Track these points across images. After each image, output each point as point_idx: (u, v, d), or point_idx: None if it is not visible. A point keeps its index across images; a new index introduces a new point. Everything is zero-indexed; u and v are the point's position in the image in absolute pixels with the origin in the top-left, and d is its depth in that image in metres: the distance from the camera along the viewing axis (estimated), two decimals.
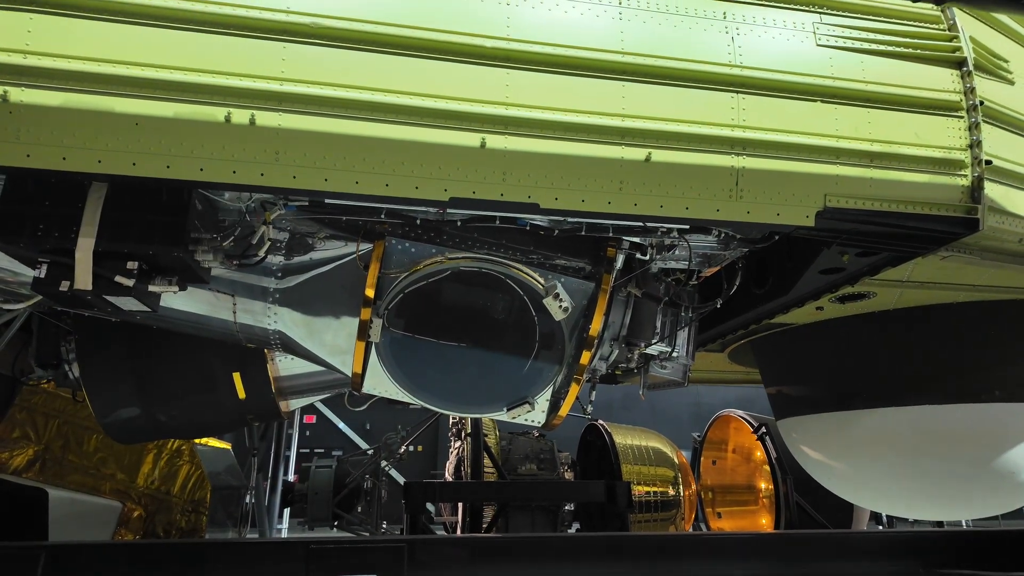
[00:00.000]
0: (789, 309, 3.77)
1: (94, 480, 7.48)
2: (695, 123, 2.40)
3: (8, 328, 4.07)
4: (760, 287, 3.69)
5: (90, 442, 7.55)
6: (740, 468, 9.52)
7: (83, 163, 2.02)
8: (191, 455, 8.03)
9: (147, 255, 2.29)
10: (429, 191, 2.22)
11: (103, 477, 7.55)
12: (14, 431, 7.23)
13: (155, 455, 7.89)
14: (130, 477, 7.69)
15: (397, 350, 3.14)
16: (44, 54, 2.01)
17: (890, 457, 4.10)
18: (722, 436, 9.54)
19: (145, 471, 7.81)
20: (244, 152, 2.09)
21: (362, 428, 18.22)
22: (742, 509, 9.47)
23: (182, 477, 7.98)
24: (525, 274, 2.94)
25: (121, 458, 7.65)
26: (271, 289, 3.05)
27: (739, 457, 9.53)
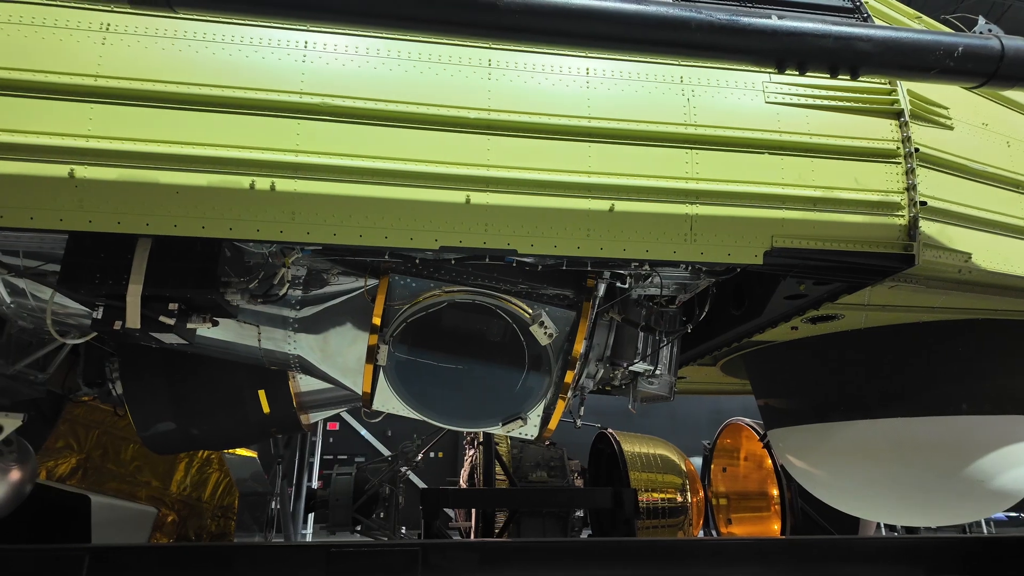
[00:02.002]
0: (765, 329, 4.08)
1: (131, 487, 7.97)
2: (653, 177, 2.74)
3: (59, 353, 4.54)
4: (738, 309, 4.01)
5: (127, 451, 8.05)
6: (752, 475, 9.68)
7: (134, 226, 2.44)
8: (220, 463, 8.48)
9: (185, 297, 2.70)
10: (422, 241, 2.60)
11: (139, 484, 8.04)
12: (58, 441, 7.73)
13: (187, 463, 8.35)
14: (164, 484, 8.15)
15: (401, 372, 3.53)
16: (102, 137, 2.43)
17: (866, 466, 4.36)
18: (734, 443, 9.71)
19: (178, 478, 8.27)
20: (266, 213, 2.50)
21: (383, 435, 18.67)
22: (753, 516, 9.62)
23: (212, 484, 8.43)
24: (513, 304, 3.31)
25: (156, 466, 8.12)
26: (291, 319, 3.47)
27: (751, 464, 9.69)
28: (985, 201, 3.08)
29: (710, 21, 2.17)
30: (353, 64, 2.68)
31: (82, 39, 2.50)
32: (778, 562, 6.19)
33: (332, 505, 8.74)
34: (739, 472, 9.94)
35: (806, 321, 3.95)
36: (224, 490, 8.54)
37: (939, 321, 3.99)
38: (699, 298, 3.66)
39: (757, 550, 6.55)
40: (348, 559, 5.71)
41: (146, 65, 2.52)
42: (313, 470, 16.35)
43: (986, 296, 3.38)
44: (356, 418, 18.48)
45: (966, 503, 4.28)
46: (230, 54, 2.60)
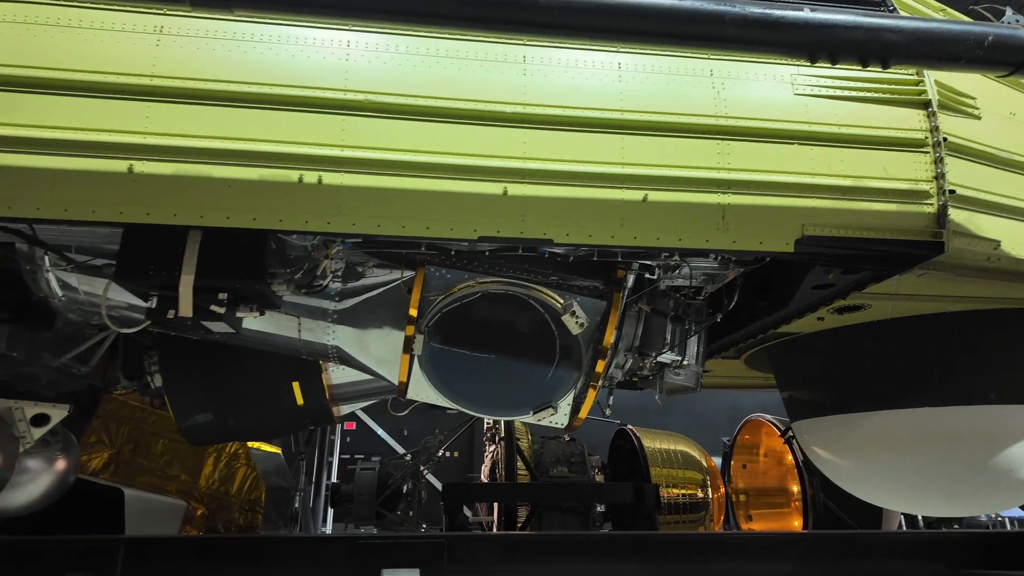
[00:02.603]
0: (791, 320, 4.12)
1: (161, 481, 8.16)
2: (685, 167, 2.82)
3: (101, 346, 4.69)
4: (763, 301, 4.06)
5: (157, 446, 8.23)
6: (772, 471, 9.67)
7: (189, 218, 2.56)
8: (247, 458, 8.64)
9: (234, 287, 2.82)
10: (462, 231, 2.70)
11: (169, 478, 8.22)
12: (91, 436, 7.92)
13: (215, 458, 8.52)
14: (193, 478, 8.33)
15: (435, 361, 3.63)
16: (159, 133, 2.55)
17: (891, 456, 4.39)
18: (754, 440, 9.71)
19: (206, 473, 8.44)
20: (314, 206, 2.61)
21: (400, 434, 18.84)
22: (774, 512, 9.62)
23: (239, 478, 8.59)
24: (545, 294, 3.40)
25: (185, 461, 8.30)
26: (330, 311, 3.58)
27: (771, 460, 9.68)
28: (1013, 189, 3.11)
29: (743, 15, 2.24)
30: (394, 62, 2.78)
31: (137, 41, 2.62)
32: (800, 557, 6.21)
33: (356, 499, 8.87)
34: (759, 468, 9.93)
35: (832, 312, 3.99)
36: (251, 484, 8.71)
37: (966, 311, 4.01)
38: (727, 289, 3.72)
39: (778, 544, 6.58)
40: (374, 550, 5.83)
41: (198, 65, 2.64)
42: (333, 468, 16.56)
43: (1014, 284, 3.41)
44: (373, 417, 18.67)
45: (992, 493, 4.29)
46: (277, 54, 2.71)
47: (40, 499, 4.57)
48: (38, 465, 4.44)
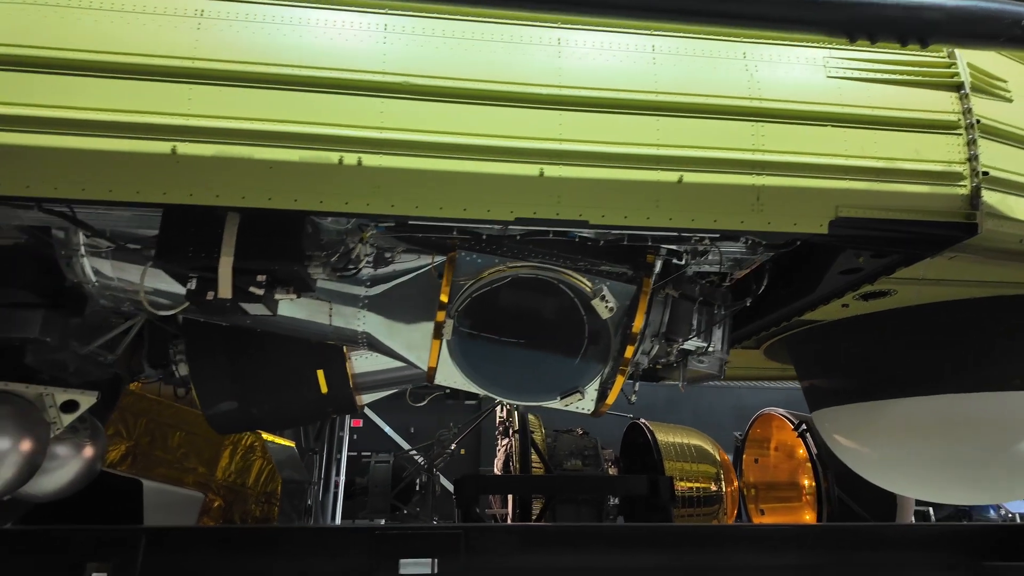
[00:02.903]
0: (816, 307, 4.13)
1: (178, 473, 8.20)
2: (720, 149, 2.83)
3: (127, 334, 4.74)
4: (788, 287, 4.07)
5: (174, 439, 8.28)
6: (782, 465, 9.69)
7: (231, 199, 2.59)
8: (263, 451, 8.70)
9: (272, 269, 2.85)
10: (498, 213, 2.72)
11: (186, 470, 8.26)
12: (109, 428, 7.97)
13: (231, 451, 8.57)
14: (210, 470, 8.38)
15: (464, 346, 3.65)
16: (201, 115, 2.58)
17: (915, 444, 4.40)
18: (764, 434, 9.72)
19: (223, 465, 8.49)
20: (353, 187, 2.63)
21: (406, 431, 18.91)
22: (784, 506, 9.64)
23: (255, 471, 8.64)
24: (575, 279, 3.42)
25: (201, 453, 8.35)
26: (361, 297, 3.61)
27: (781, 455, 9.70)
28: None
29: None
30: (430, 45, 2.80)
31: (179, 24, 2.65)
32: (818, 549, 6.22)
33: (371, 492, 8.94)
34: (769, 463, 9.95)
35: (858, 298, 4.00)
36: (267, 477, 8.76)
37: (991, 296, 4.01)
38: (754, 274, 3.73)
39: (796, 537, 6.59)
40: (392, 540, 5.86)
41: (238, 48, 2.67)
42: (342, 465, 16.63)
43: None
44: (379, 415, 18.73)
45: (1018, 480, 4.29)
46: (315, 36, 2.74)
47: (68, 486, 4.62)
48: (67, 452, 4.48)
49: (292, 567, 5.75)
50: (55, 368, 4.44)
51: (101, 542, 5.62)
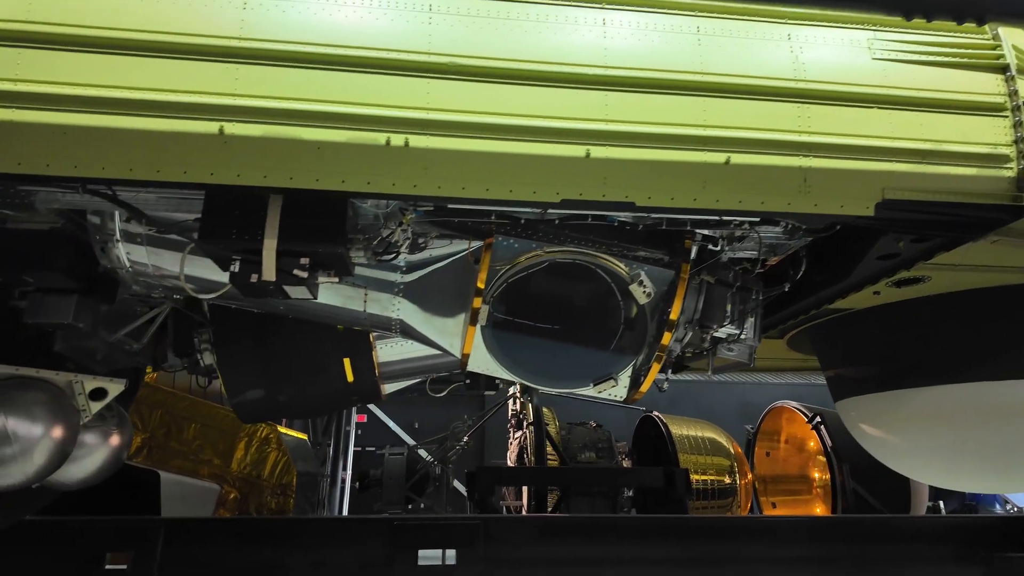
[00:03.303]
0: (847, 294, 4.11)
1: (193, 465, 8.21)
2: (766, 130, 2.82)
3: (153, 323, 4.73)
4: (820, 274, 4.05)
5: (189, 430, 8.29)
6: (792, 458, 9.71)
7: (278, 179, 2.57)
8: (278, 443, 8.70)
9: (316, 252, 2.83)
10: (544, 194, 2.71)
11: (201, 462, 8.27)
12: None
13: (246, 443, 8.58)
14: (225, 462, 8.39)
15: (500, 332, 3.64)
16: (248, 95, 2.57)
17: (945, 432, 4.38)
18: (774, 427, 9.74)
19: (238, 457, 8.50)
20: (401, 169, 2.62)
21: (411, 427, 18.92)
22: (796, 499, 9.65)
23: (271, 463, 8.65)
24: (612, 264, 3.40)
25: (216, 445, 8.36)
26: (396, 283, 3.60)
27: (792, 448, 9.71)
28: None
29: None
30: (475, 26, 2.78)
31: (225, 5, 2.63)
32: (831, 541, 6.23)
33: (385, 484, 8.91)
34: (780, 456, 9.96)
35: (891, 285, 3.98)
36: (283, 469, 8.76)
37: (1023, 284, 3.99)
38: (790, 260, 3.71)
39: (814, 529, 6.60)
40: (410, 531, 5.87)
41: (285, 28, 2.65)
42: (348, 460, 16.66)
43: None
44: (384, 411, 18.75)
45: None
46: (361, 17, 2.72)
47: (96, 474, 4.61)
48: (95, 440, 4.47)
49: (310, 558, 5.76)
50: (83, 355, 4.43)
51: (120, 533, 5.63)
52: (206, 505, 8.00)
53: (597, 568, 6.04)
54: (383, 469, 9.10)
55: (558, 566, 6.02)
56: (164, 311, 4.65)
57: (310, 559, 5.82)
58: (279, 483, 8.59)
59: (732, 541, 6.24)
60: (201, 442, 8.31)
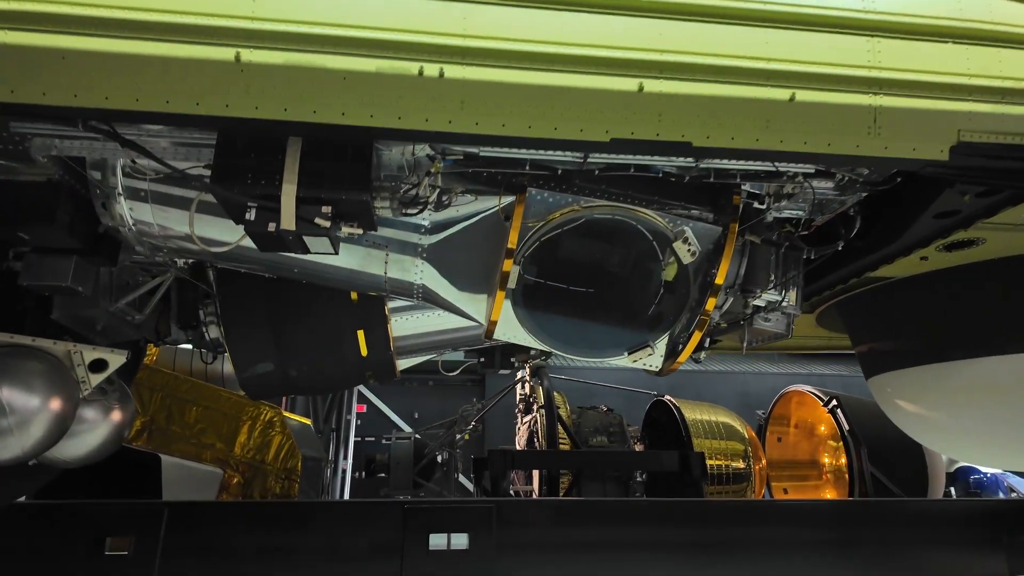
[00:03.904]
0: (895, 259, 3.87)
1: (196, 449, 7.97)
2: (834, 65, 2.57)
3: (156, 293, 4.47)
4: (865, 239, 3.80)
5: (190, 414, 8.05)
6: (801, 444, 9.58)
7: (301, 113, 2.32)
8: (282, 426, 8.48)
9: (340, 199, 2.58)
10: (592, 133, 2.46)
11: (203, 446, 8.03)
12: None
13: (249, 426, 8.34)
14: (228, 446, 8.15)
15: (529, 296, 3.39)
16: (268, 19, 2.31)
17: (992, 406, 4.17)
18: (783, 412, 9.60)
19: (241, 441, 8.27)
20: (435, 102, 2.36)
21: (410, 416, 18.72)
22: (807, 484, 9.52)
23: (275, 447, 8.42)
24: (655, 219, 3.15)
25: (219, 428, 8.13)
26: (420, 245, 3.33)
27: (801, 432, 9.58)
28: None
29: None
30: None
31: None
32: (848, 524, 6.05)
33: (393, 468, 8.74)
34: (790, 441, 9.83)
35: (941, 249, 3.75)
36: (287, 453, 8.54)
37: None
38: (841, 219, 3.46)
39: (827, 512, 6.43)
40: (423, 515, 5.66)
41: None
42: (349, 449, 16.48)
43: None
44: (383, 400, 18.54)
45: None
46: None
47: (96, 451, 4.36)
48: (95, 415, 4.22)
49: (320, 543, 5.55)
50: (83, 325, 4.18)
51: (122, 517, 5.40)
52: (208, 490, 7.77)
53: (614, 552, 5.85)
54: (390, 454, 8.93)
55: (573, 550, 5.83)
56: (168, 279, 4.40)
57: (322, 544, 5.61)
58: (283, 468, 8.36)
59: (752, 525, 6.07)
60: (203, 425, 8.07)
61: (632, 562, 5.60)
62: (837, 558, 5.76)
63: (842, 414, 8.30)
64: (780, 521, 6.07)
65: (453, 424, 9.04)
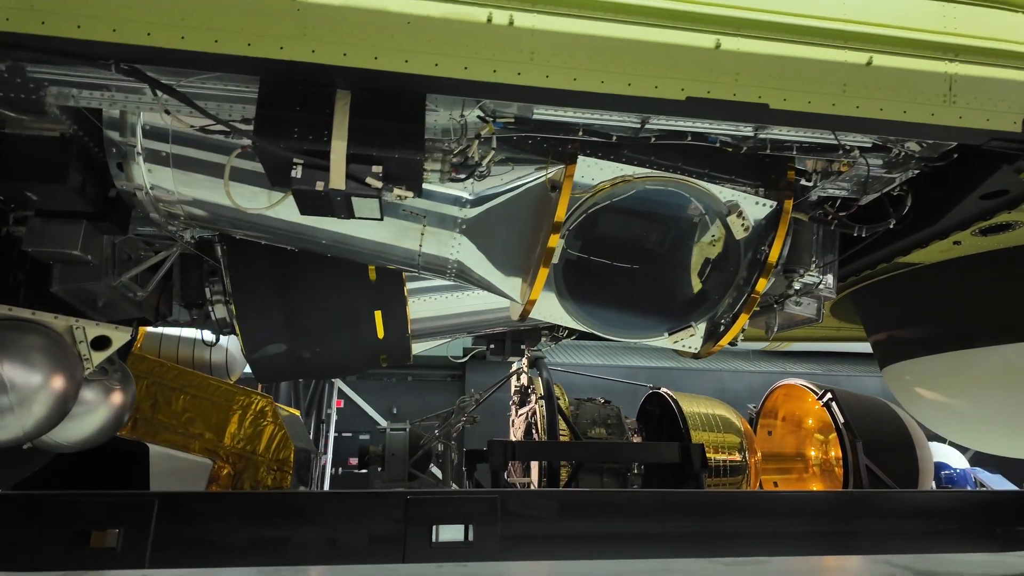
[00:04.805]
0: (930, 242, 3.83)
1: (183, 439, 7.67)
2: (909, 28, 2.48)
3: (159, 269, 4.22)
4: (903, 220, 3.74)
5: (178, 402, 7.74)
6: (788, 437, 9.64)
7: (360, 59, 2.14)
8: (274, 416, 8.21)
9: (392, 158, 2.40)
10: (667, 90, 2.32)
11: (192, 436, 7.74)
12: None
13: (240, 415, 8.06)
14: (217, 436, 7.86)
15: (571, 272, 3.25)
16: None
17: (1018, 394, 4.16)
18: (770, 406, 9.66)
19: (231, 431, 7.98)
20: (504, 52, 2.20)
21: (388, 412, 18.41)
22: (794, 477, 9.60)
23: (266, 437, 8.15)
24: (709, 192, 3.03)
25: (208, 418, 7.84)
26: (459, 219, 3.14)
27: (789, 426, 9.65)
28: None
29: None
30: None
31: None
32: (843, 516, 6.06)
33: (388, 460, 8.53)
34: (777, 434, 9.92)
35: (977, 233, 3.71)
36: (279, 443, 8.27)
37: None
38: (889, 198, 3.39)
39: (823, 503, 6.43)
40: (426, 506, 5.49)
41: None
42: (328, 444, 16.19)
43: None
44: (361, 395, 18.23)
45: None
46: None
47: (95, 435, 4.11)
48: (95, 396, 3.96)
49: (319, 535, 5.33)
50: (83, 300, 3.92)
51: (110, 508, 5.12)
52: (198, 481, 7.48)
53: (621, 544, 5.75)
54: (384, 445, 8.71)
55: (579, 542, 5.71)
56: (173, 254, 4.14)
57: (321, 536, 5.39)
58: (276, 459, 8.09)
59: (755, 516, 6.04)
60: (191, 415, 7.77)
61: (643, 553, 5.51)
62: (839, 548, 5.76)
63: (837, 407, 8.35)
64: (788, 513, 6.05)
65: (450, 415, 8.85)
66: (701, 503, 6.03)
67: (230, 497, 6.51)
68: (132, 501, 5.14)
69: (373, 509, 5.48)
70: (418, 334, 4.59)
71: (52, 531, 4.96)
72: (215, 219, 3.23)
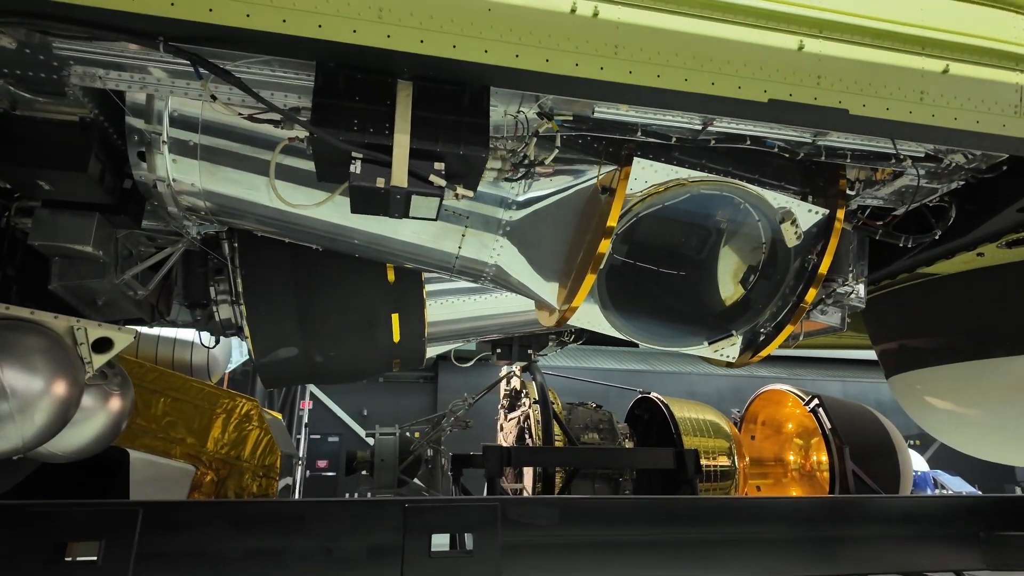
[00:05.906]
0: (955, 254, 3.85)
1: (164, 444, 7.31)
2: (984, 37, 2.45)
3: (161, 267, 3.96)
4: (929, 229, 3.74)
5: (157, 405, 7.38)
6: (767, 443, 9.76)
7: (438, 47, 1.99)
8: (260, 420, 7.90)
9: (456, 155, 2.25)
10: (750, 92, 2.23)
11: (173, 441, 7.39)
12: None
13: (224, 420, 7.74)
14: (200, 442, 7.52)
15: (615, 278, 3.14)
16: None
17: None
18: (754, 411, 9.77)
19: (215, 436, 7.65)
20: (587, 44, 2.08)
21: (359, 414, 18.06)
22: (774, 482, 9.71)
23: (252, 442, 7.83)
24: (763, 198, 2.96)
25: (190, 422, 7.49)
26: (503, 221, 2.99)
27: (769, 430, 9.77)
28: None
29: None
30: None
31: None
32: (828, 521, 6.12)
33: (377, 466, 8.30)
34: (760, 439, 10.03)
35: (1002, 245, 3.74)
36: (265, 449, 7.95)
37: None
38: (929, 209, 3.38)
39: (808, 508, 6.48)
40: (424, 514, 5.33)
41: None
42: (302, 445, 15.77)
43: None
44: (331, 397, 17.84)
45: None
46: None
47: (91, 444, 3.83)
48: (94, 402, 3.68)
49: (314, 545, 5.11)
50: (82, 298, 3.64)
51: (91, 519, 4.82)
52: (180, 488, 7.13)
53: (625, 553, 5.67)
54: (373, 450, 8.49)
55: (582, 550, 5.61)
56: (178, 251, 3.89)
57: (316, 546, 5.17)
58: (261, 464, 7.78)
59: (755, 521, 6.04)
60: (172, 418, 7.41)
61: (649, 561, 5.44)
62: None
63: (824, 413, 8.46)
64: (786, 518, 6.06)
65: (441, 420, 8.66)
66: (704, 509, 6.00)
67: (220, 506, 6.21)
68: (115, 511, 4.85)
69: (372, 518, 5.29)
70: (434, 338, 4.43)
71: (28, 543, 4.63)
72: (241, 215, 3.02)
